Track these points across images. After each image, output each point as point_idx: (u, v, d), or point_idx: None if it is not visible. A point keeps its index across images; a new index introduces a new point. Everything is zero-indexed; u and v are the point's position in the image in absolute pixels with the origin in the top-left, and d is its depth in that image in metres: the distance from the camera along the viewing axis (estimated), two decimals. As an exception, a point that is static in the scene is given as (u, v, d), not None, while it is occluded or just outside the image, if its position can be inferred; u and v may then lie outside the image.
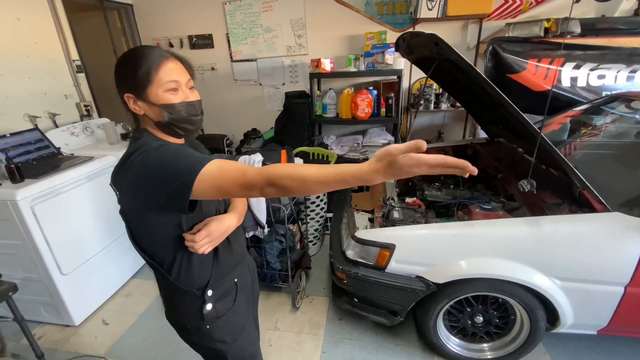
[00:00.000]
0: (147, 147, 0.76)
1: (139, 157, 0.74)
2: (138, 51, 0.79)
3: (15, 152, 2.00)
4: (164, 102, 0.79)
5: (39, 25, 2.53)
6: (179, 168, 0.70)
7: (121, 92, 0.80)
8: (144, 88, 0.77)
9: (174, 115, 0.80)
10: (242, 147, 3.43)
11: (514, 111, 1.31)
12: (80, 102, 2.83)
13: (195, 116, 0.85)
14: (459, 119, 3.24)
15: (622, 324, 1.41)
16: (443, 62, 1.58)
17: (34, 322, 2.04)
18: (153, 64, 0.77)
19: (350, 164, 0.62)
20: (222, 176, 0.69)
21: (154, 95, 0.78)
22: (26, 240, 1.75)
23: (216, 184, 0.69)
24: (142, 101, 0.79)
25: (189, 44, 3.48)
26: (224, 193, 0.71)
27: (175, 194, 0.70)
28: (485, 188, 1.94)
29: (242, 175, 0.67)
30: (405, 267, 1.48)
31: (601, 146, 1.79)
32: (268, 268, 2.08)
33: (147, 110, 0.81)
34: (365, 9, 3.02)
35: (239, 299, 1.01)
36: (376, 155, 0.59)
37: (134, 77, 0.77)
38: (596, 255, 1.28)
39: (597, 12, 2.52)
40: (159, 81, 0.77)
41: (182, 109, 0.81)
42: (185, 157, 0.72)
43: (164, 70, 0.78)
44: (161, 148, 0.75)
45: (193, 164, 0.70)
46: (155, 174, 0.71)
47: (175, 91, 0.80)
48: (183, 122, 0.82)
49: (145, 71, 0.76)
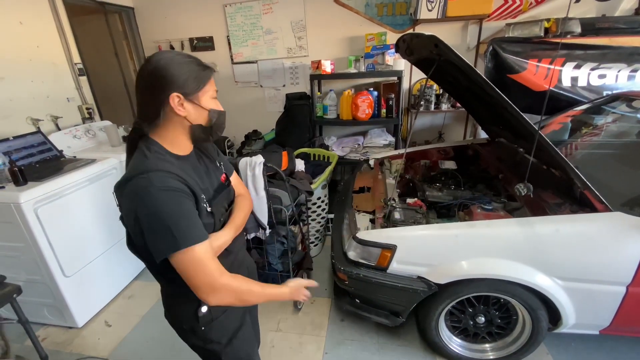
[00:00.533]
0: (149, 181, 0.73)
1: (140, 190, 0.73)
2: (189, 55, 0.82)
3: (19, 155, 2.02)
4: (213, 107, 0.85)
5: (41, 28, 2.55)
6: (165, 234, 0.73)
7: (163, 91, 0.76)
8: (198, 90, 0.81)
9: (217, 121, 0.87)
10: (243, 148, 3.44)
11: (514, 111, 1.31)
12: (82, 105, 2.85)
13: (224, 123, 0.92)
14: (459, 120, 3.24)
15: (624, 324, 1.41)
16: (443, 63, 1.58)
17: (37, 324, 2.05)
18: (210, 71, 0.83)
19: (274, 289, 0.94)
20: (196, 268, 0.76)
21: (205, 99, 0.83)
22: (29, 243, 1.76)
23: (185, 272, 0.76)
24: (191, 103, 0.80)
25: (190, 47, 3.50)
26: (186, 278, 0.78)
27: (153, 250, 0.75)
28: (486, 188, 1.94)
29: (214, 280, 0.77)
30: (407, 268, 1.48)
31: (602, 146, 1.80)
32: (270, 269, 2.09)
33: (192, 113, 0.81)
34: (365, 10, 3.03)
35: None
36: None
37: (192, 77, 0.79)
38: (598, 255, 1.28)
39: (597, 11, 2.52)
40: (210, 87, 0.84)
41: (223, 117, 0.90)
42: (176, 224, 0.73)
43: (213, 80, 0.85)
44: (162, 195, 0.73)
45: (179, 238, 0.73)
46: (145, 222, 0.73)
47: (215, 100, 0.87)
48: (219, 129, 0.90)
49: (205, 74, 0.81)
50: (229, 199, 1.01)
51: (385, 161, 2.43)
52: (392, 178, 2.15)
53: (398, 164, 2.32)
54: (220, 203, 0.93)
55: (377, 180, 2.14)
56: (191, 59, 0.81)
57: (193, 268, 0.76)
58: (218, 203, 0.91)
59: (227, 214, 0.98)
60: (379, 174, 2.25)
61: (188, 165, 0.88)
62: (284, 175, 1.93)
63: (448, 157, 2.43)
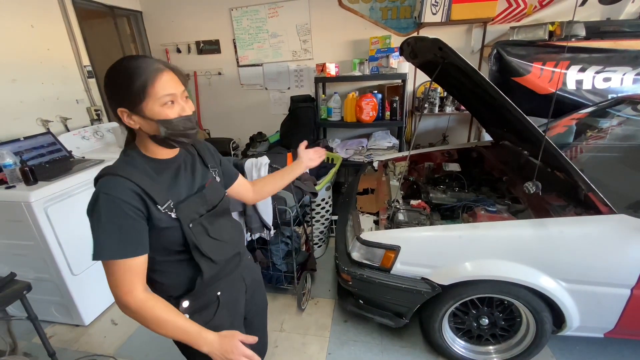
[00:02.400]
0: (100, 185, 0.77)
1: (95, 192, 0.77)
2: (130, 63, 0.75)
3: (29, 155, 2.06)
4: (161, 117, 0.77)
5: (51, 32, 2.60)
6: (96, 239, 0.76)
7: (113, 106, 0.77)
8: (139, 102, 0.75)
9: (171, 130, 0.79)
10: (248, 150, 3.47)
11: (519, 114, 1.32)
12: (90, 107, 2.90)
13: (192, 130, 0.83)
14: (463, 122, 3.25)
15: (629, 326, 1.40)
16: (447, 66, 1.59)
17: (45, 321, 2.08)
18: (149, 77, 0.74)
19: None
20: (110, 279, 0.78)
21: (150, 110, 0.76)
22: (39, 241, 1.79)
23: (107, 277, 0.79)
24: (138, 116, 0.77)
25: (197, 50, 3.55)
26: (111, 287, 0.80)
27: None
28: (490, 190, 1.94)
29: (119, 296, 0.78)
30: (411, 269, 1.49)
31: (607, 149, 1.79)
32: (274, 270, 2.10)
33: (142, 125, 0.79)
34: (370, 14, 3.05)
35: (220, 314, 0.97)
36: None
37: (129, 92, 0.74)
38: (602, 257, 1.28)
39: (602, 15, 2.52)
40: (155, 95, 0.75)
41: (180, 124, 0.80)
42: (104, 235, 0.75)
43: (160, 83, 0.75)
44: (103, 202, 0.75)
45: (102, 248, 0.76)
46: (90, 219, 0.77)
47: (172, 104, 0.79)
48: (179, 137, 0.82)
49: (140, 85, 0.73)
50: (207, 204, 0.93)
51: (389, 163, 2.44)
52: (396, 180, 2.16)
53: (402, 166, 2.33)
54: (189, 208, 0.87)
55: (381, 182, 2.15)
56: (138, 64, 0.75)
57: (108, 277, 0.79)
58: (186, 208, 0.86)
59: (204, 218, 0.91)
60: (382, 175, 2.26)
61: (166, 168, 0.87)
62: (288, 176, 1.94)
63: (452, 159, 2.44)
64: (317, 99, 3.02)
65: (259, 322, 1.24)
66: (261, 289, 1.22)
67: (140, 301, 0.79)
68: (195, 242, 0.87)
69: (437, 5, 2.66)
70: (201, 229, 0.89)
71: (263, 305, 1.25)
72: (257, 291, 1.18)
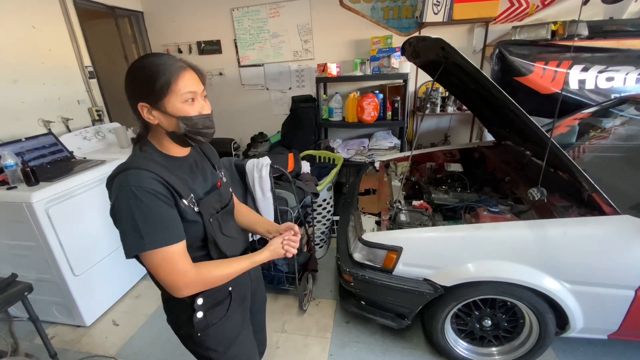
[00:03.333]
0: (127, 179, 0.75)
1: (118, 187, 0.76)
2: (154, 60, 0.77)
3: (31, 155, 2.06)
4: (182, 114, 0.79)
5: (53, 32, 2.60)
6: (134, 233, 0.75)
7: (134, 101, 0.79)
8: (161, 98, 0.77)
9: (191, 128, 0.80)
10: (249, 150, 3.47)
11: (521, 114, 1.31)
12: (92, 107, 2.90)
13: (210, 128, 0.85)
14: (465, 122, 3.24)
15: (633, 328, 1.39)
16: (449, 65, 1.59)
17: (46, 322, 2.08)
18: (173, 74, 0.76)
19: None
20: (160, 269, 0.78)
21: (172, 106, 0.78)
22: (40, 242, 1.79)
23: (152, 271, 0.79)
24: (158, 111, 0.78)
25: (198, 50, 3.55)
26: (155, 276, 0.81)
27: (123, 247, 0.77)
28: (493, 191, 1.93)
29: (178, 280, 0.79)
30: (413, 270, 1.48)
31: (610, 149, 1.78)
32: (275, 270, 2.10)
33: (162, 120, 0.80)
34: (371, 14, 3.04)
35: (232, 309, 0.99)
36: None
37: (151, 87, 0.75)
38: (606, 259, 1.27)
39: (604, 14, 2.51)
40: (177, 92, 0.77)
41: (199, 122, 0.81)
42: (144, 225, 0.75)
43: (183, 81, 0.77)
44: (135, 194, 0.74)
45: (146, 239, 0.75)
46: (118, 219, 0.76)
47: (192, 102, 0.80)
48: (197, 135, 0.83)
49: (164, 81, 0.75)
50: (221, 202, 0.97)
51: (390, 163, 2.43)
52: (397, 180, 2.15)
53: (404, 166, 2.33)
54: (209, 204, 0.90)
55: (382, 182, 2.14)
56: (162, 61, 0.77)
57: (158, 268, 0.78)
58: (207, 204, 0.89)
59: (219, 215, 0.95)
60: (384, 176, 2.25)
61: (181, 165, 0.89)
62: (290, 177, 1.94)
63: (454, 159, 2.43)
64: (318, 99, 3.02)
65: (260, 317, 1.27)
66: (261, 285, 1.25)
67: (197, 275, 0.81)
68: (215, 237, 0.90)
69: (439, 4, 2.65)
70: (217, 224, 0.93)
71: (263, 300, 1.28)
72: (259, 287, 1.21)
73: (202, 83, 0.85)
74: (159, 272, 0.78)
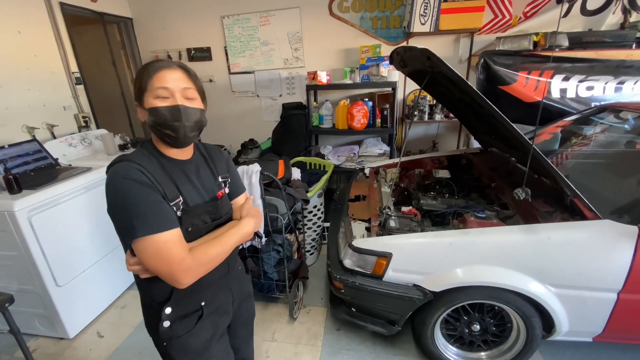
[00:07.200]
0: (116, 170, 0.80)
1: (109, 179, 0.81)
2: (148, 64, 0.85)
3: (14, 163, 2.01)
4: (151, 106, 0.83)
5: (39, 38, 2.57)
6: (126, 221, 0.77)
7: (135, 99, 0.87)
8: (142, 95, 0.83)
9: (156, 119, 0.83)
10: (239, 157, 3.45)
11: (505, 122, 1.35)
12: (78, 114, 2.86)
13: (176, 121, 0.83)
14: (452, 130, 3.30)
15: (616, 330, 1.42)
16: (436, 74, 1.62)
17: (27, 334, 2.01)
18: (151, 73, 0.82)
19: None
20: (154, 257, 0.77)
21: (146, 100, 0.83)
22: (22, 251, 1.74)
23: (146, 261, 0.79)
24: (140, 107, 0.85)
25: (188, 57, 3.54)
26: (149, 267, 0.80)
27: (119, 238, 0.82)
28: (480, 197, 1.97)
29: (175, 268, 0.78)
30: (402, 276, 1.49)
31: (591, 155, 1.84)
32: (265, 278, 2.08)
33: (141, 115, 0.87)
34: (360, 24, 3.10)
35: (202, 324, 0.95)
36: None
37: (137, 87, 0.84)
38: (588, 262, 1.30)
39: (584, 26, 2.61)
40: (152, 88, 0.82)
41: (166, 113, 0.82)
42: (135, 213, 0.76)
43: (157, 77, 0.82)
44: (123, 184, 0.78)
45: (137, 226, 0.76)
46: (111, 210, 0.80)
47: (166, 99, 0.83)
48: (164, 128, 0.83)
49: (144, 80, 0.82)
50: (215, 214, 0.95)
51: (380, 170, 2.46)
52: (387, 187, 2.17)
53: (393, 172, 2.35)
54: (194, 214, 0.89)
55: (372, 188, 2.16)
56: (152, 64, 0.84)
57: (154, 258, 0.77)
58: (191, 213, 0.88)
59: (208, 226, 0.93)
60: (374, 182, 2.27)
61: (177, 167, 0.89)
62: (280, 183, 1.94)
63: (442, 166, 2.47)
64: (308, 106, 3.04)
65: (244, 333, 1.21)
66: (250, 301, 1.20)
67: (194, 259, 0.81)
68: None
69: (426, 15, 2.72)
70: (197, 237, 0.90)
71: (250, 317, 1.23)
72: (245, 302, 1.15)
73: (193, 82, 0.88)
74: (155, 263, 0.77)
